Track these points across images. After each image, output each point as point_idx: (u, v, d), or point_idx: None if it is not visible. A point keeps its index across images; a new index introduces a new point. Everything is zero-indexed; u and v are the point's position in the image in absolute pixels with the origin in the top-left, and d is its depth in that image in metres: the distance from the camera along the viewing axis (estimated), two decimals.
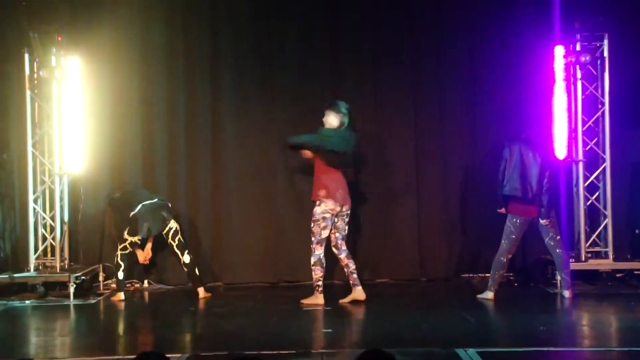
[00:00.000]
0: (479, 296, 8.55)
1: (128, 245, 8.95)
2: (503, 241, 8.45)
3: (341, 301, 8.35)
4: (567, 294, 8.46)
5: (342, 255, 8.35)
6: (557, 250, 8.46)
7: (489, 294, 8.51)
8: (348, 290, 8.42)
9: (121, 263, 8.93)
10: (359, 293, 8.33)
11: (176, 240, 8.92)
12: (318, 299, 8.27)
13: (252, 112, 9.77)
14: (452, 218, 9.85)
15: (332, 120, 8.31)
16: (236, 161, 9.77)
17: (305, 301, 8.30)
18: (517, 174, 8.31)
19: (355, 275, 8.35)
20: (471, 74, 9.82)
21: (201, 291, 8.96)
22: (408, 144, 9.78)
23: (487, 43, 9.72)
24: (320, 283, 8.27)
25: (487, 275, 8.74)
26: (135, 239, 8.93)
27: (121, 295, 8.92)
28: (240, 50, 9.75)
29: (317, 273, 8.24)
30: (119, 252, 8.94)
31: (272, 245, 9.76)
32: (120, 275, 8.94)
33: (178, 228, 8.98)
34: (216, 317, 8.08)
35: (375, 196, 9.74)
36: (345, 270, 8.39)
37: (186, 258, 8.92)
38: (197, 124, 9.76)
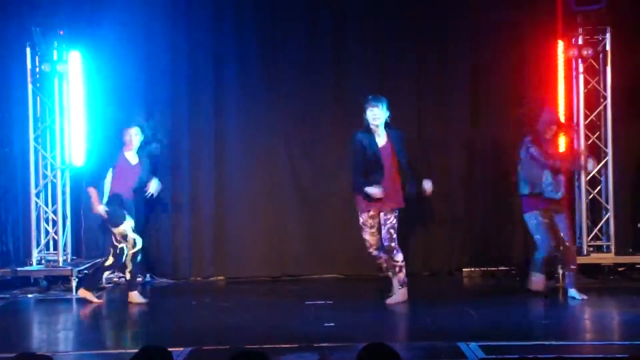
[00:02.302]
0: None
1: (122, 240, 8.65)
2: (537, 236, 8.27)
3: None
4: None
5: None
6: None
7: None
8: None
9: (127, 264, 8.38)
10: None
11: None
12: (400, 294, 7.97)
13: (256, 106, 9.75)
14: (455, 212, 9.83)
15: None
16: (239, 155, 9.75)
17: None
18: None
19: (392, 275, 8.04)
20: (472, 68, 9.77)
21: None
22: (411, 134, 9.74)
23: (488, 37, 9.66)
24: (379, 264, 8.16)
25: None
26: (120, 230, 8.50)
27: (135, 296, 8.42)
28: (244, 43, 9.73)
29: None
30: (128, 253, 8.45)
31: (275, 239, 9.75)
32: (127, 276, 8.50)
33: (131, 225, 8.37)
34: (219, 311, 8.09)
35: None
36: None
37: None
38: (200, 118, 9.76)
